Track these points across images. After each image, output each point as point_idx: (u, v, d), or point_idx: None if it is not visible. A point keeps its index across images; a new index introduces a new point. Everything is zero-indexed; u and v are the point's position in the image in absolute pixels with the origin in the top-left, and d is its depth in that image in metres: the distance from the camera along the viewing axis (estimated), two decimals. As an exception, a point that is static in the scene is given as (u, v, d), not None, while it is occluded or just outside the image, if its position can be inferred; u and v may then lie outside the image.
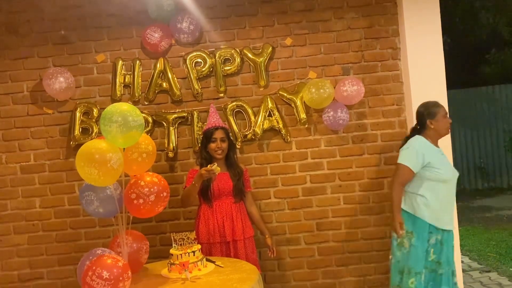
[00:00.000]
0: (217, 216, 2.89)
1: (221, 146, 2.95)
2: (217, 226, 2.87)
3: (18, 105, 3.41)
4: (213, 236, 2.86)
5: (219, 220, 2.88)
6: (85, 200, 2.40)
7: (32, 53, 3.40)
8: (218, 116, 3.07)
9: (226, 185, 2.92)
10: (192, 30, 3.30)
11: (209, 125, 3.00)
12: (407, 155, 2.86)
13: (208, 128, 2.98)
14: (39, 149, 3.41)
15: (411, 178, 2.86)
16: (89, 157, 2.17)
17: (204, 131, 3.02)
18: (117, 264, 2.09)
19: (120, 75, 3.38)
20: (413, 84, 3.31)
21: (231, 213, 2.92)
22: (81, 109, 3.35)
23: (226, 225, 2.88)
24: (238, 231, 2.90)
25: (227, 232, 2.87)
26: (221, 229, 2.88)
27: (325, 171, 3.44)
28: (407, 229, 2.83)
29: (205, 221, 2.89)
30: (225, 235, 2.87)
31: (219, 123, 3.01)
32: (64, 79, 3.26)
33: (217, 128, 2.96)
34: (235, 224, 2.91)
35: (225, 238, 2.87)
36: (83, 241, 3.41)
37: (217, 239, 2.87)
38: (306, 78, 3.40)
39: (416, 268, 2.80)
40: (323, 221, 3.44)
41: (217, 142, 2.94)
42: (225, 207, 2.92)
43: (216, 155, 2.96)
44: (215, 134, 2.95)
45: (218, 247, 2.87)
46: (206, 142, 2.97)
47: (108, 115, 2.22)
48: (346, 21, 3.40)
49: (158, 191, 2.37)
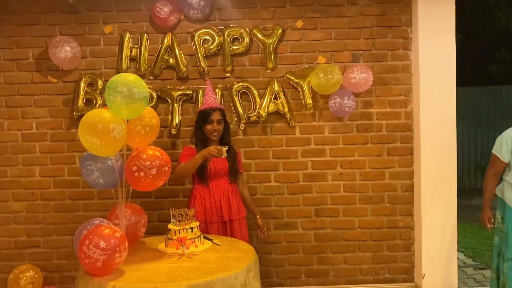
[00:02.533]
0: (214, 195, 2.88)
1: (218, 128, 2.92)
2: (214, 205, 2.87)
3: (22, 72, 3.37)
4: (210, 215, 2.86)
5: (216, 200, 2.88)
6: (85, 170, 2.39)
7: (39, 20, 3.35)
8: (214, 95, 3.03)
9: (222, 165, 2.90)
10: (202, 6, 3.25)
11: (205, 105, 2.92)
12: (496, 143, 2.92)
13: (205, 109, 2.91)
14: (42, 118, 3.39)
15: (503, 167, 2.89)
16: (92, 126, 2.15)
17: (200, 110, 2.94)
18: (114, 234, 2.08)
19: (127, 48, 3.34)
20: (423, 76, 3.27)
21: (227, 193, 2.91)
22: (86, 80, 3.32)
23: (223, 204, 2.88)
24: (234, 210, 2.91)
25: (224, 211, 2.87)
26: (218, 209, 2.87)
27: (327, 158, 3.42)
28: (502, 215, 2.91)
29: (202, 201, 2.88)
30: (222, 214, 2.87)
31: (216, 104, 2.95)
32: (70, 49, 3.22)
33: (214, 110, 2.91)
34: (231, 204, 2.91)
35: (222, 217, 2.87)
36: (81, 212, 3.41)
37: (215, 219, 2.87)
38: (314, 62, 3.35)
39: (508, 254, 2.83)
40: (321, 207, 3.44)
41: (213, 124, 2.90)
42: (222, 187, 2.91)
43: (211, 137, 2.92)
44: (212, 115, 2.89)
45: (215, 226, 2.87)
46: (202, 123, 2.91)
47: (113, 85, 2.20)
48: (359, 7, 3.35)
49: (160, 165, 2.35)
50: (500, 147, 2.91)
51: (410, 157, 3.41)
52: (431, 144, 3.29)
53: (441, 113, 3.29)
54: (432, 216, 3.32)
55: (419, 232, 3.37)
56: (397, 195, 3.43)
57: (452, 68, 3.27)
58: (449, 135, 3.31)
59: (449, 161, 3.31)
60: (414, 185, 3.42)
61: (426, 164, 3.30)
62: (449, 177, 3.31)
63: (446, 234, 3.34)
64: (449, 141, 3.31)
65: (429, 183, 3.31)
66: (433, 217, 3.32)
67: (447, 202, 3.32)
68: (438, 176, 3.31)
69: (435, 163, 3.30)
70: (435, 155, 3.30)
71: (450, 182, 3.31)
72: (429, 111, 3.28)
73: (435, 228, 3.32)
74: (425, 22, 3.26)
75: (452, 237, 3.34)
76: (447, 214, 3.33)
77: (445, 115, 3.30)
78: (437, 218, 3.32)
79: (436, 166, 3.30)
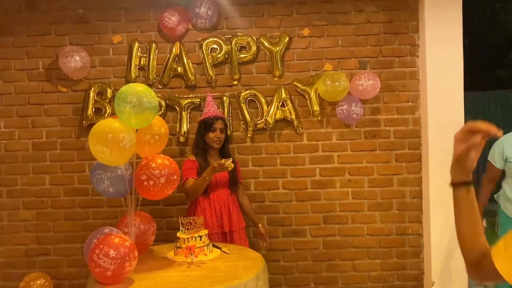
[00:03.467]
0: (215, 206, 2.89)
1: (220, 137, 2.95)
2: (215, 216, 2.87)
3: (33, 82, 3.42)
4: (211, 226, 2.85)
5: (217, 211, 2.89)
6: (95, 179, 2.41)
7: (49, 31, 3.40)
8: (215, 106, 3.08)
9: (222, 176, 2.91)
10: (210, 15, 3.28)
11: (208, 114, 2.96)
12: (491, 150, 3.02)
13: (208, 117, 2.95)
14: (52, 127, 3.43)
15: (497, 173, 2.98)
16: (102, 136, 2.17)
17: (203, 119, 2.97)
18: (124, 243, 2.10)
19: (136, 57, 3.37)
20: (430, 82, 3.27)
21: (228, 203, 2.93)
22: (95, 89, 3.36)
23: (224, 215, 2.89)
24: (235, 221, 2.92)
25: (225, 222, 2.88)
26: (219, 220, 2.88)
27: (335, 165, 3.42)
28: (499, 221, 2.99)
29: (202, 212, 2.87)
30: (223, 225, 2.88)
31: (218, 113, 3.01)
32: (79, 58, 3.26)
33: (217, 118, 2.95)
34: (232, 215, 2.92)
35: (223, 228, 2.88)
36: (90, 220, 3.44)
37: (215, 230, 2.87)
38: (321, 70, 3.37)
39: None
40: (330, 214, 3.43)
41: (216, 132, 2.93)
42: (223, 198, 2.92)
43: (214, 145, 2.95)
44: (215, 123, 2.93)
45: (216, 237, 2.86)
46: (205, 131, 2.94)
47: (123, 95, 2.22)
48: (365, 15, 3.36)
49: (169, 173, 2.37)
50: (493, 153, 3.05)
51: (418, 164, 3.40)
52: (439, 150, 3.27)
53: (449, 119, 3.28)
54: (441, 222, 3.31)
55: (428, 239, 3.35)
56: (405, 202, 3.42)
57: (460, 73, 3.27)
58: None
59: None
60: (422, 191, 3.41)
61: (435, 171, 3.29)
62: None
63: (455, 240, 3.29)
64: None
65: (438, 190, 3.29)
66: (442, 224, 3.31)
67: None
68: (446, 182, 3.23)
69: (443, 169, 3.23)
70: (444, 161, 3.24)
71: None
72: (437, 117, 3.27)
73: (444, 234, 3.31)
74: (432, 28, 3.26)
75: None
76: (456, 220, 3.30)
77: (453, 121, 3.28)
78: (446, 225, 3.30)
79: (444, 172, 3.22)
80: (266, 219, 3.43)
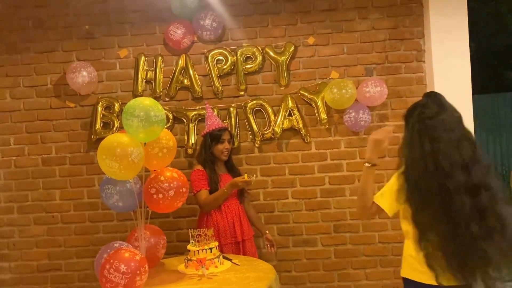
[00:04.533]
0: (227, 216, 2.88)
1: (229, 148, 2.98)
2: (227, 227, 2.87)
3: (41, 98, 3.45)
4: (224, 237, 2.85)
5: (229, 221, 2.88)
6: (105, 193, 2.42)
7: (57, 47, 3.44)
8: (217, 117, 3.11)
9: None
10: (214, 27, 3.30)
11: (215, 126, 2.97)
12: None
13: (215, 129, 2.95)
14: (61, 142, 3.45)
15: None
16: (111, 151, 2.18)
17: (211, 131, 2.96)
18: (134, 258, 2.09)
19: (142, 70, 3.40)
20: (437, 87, 3.24)
21: (238, 213, 2.93)
22: (103, 104, 3.38)
23: (236, 225, 2.88)
24: (246, 230, 2.93)
25: (237, 231, 2.87)
26: (231, 229, 2.87)
27: (344, 173, 3.40)
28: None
29: (214, 223, 2.86)
30: (236, 235, 2.87)
31: (224, 124, 3.04)
32: (87, 73, 3.29)
33: (224, 129, 2.98)
34: (243, 224, 2.92)
35: (235, 238, 2.87)
36: (101, 234, 3.44)
37: (229, 240, 2.86)
38: (328, 78, 3.36)
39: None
40: (340, 223, 3.40)
41: (225, 143, 2.95)
42: (234, 208, 2.92)
43: (222, 157, 2.96)
44: (223, 135, 2.95)
45: (230, 247, 2.86)
46: (213, 143, 2.95)
47: (131, 110, 2.24)
48: (370, 22, 3.36)
49: (178, 186, 2.37)
50: None
51: (428, 169, 3.36)
52: (449, 156, 3.24)
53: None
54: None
55: (441, 246, 3.30)
56: (417, 208, 3.37)
57: (467, 77, 3.24)
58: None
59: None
60: (434, 197, 3.37)
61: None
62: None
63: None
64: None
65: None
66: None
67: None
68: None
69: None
70: (454, 167, 3.24)
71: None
72: (446, 122, 3.24)
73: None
74: (437, 33, 3.25)
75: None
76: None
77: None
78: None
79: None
80: (276, 229, 3.41)
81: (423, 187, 1.81)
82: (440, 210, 1.77)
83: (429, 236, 1.81)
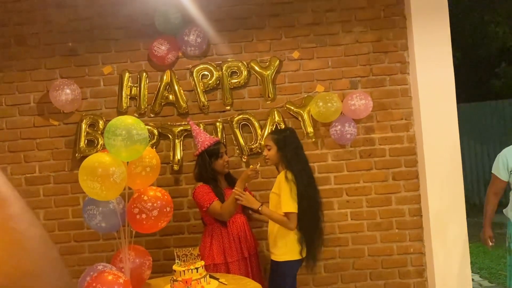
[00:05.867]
0: (232, 232, 2.83)
1: (228, 159, 2.97)
2: (233, 243, 2.81)
3: (24, 116, 3.41)
4: (230, 254, 2.79)
5: (235, 236, 2.83)
6: (87, 214, 2.37)
7: (40, 65, 3.40)
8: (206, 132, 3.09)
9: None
10: (199, 43, 3.29)
11: (208, 142, 2.90)
12: (494, 162, 3.06)
13: (211, 144, 2.89)
14: (44, 161, 3.39)
15: (503, 186, 3.01)
16: (92, 171, 2.14)
17: (208, 148, 2.88)
18: (118, 280, 2.05)
19: (127, 87, 3.37)
20: (422, 99, 3.26)
21: (244, 227, 2.89)
22: (87, 121, 3.34)
23: (242, 239, 2.84)
24: (251, 245, 2.89)
25: (243, 247, 2.83)
26: (237, 245, 2.82)
27: (332, 186, 3.38)
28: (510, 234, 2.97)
29: (220, 240, 2.80)
30: (242, 250, 2.82)
31: (216, 138, 3.02)
32: (70, 91, 3.26)
33: (219, 143, 2.95)
34: (248, 239, 2.88)
35: (242, 254, 2.82)
36: (86, 254, 3.37)
37: (235, 257, 2.80)
38: (313, 91, 3.36)
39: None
40: (330, 237, 3.37)
41: (224, 157, 2.92)
42: (239, 222, 2.88)
43: (225, 170, 2.93)
44: (221, 148, 2.92)
45: (236, 265, 2.80)
46: (212, 159, 2.87)
47: (112, 128, 2.20)
48: (354, 35, 3.37)
49: (161, 206, 2.34)
50: (497, 166, 3.05)
51: (416, 181, 3.37)
52: (436, 166, 3.25)
53: (444, 134, 3.26)
54: (443, 239, 3.25)
55: (430, 257, 3.29)
56: (405, 220, 3.37)
57: (452, 88, 3.26)
58: (454, 155, 3.27)
59: (456, 181, 3.26)
60: (422, 209, 3.37)
61: (433, 187, 3.25)
62: (457, 198, 3.26)
63: (458, 256, 3.26)
64: (454, 161, 3.27)
65: (437, 206, 3.25)
66: (443, 241, 3.25)
67: (457, 223, 3.25)
68: (446, 198, 3.26)
69: (442, 185, 3.25)
70: (441, 177, 3.25)
71: (458, 203, 3.26)
72: (431, 133, 3.25)
73: (447, 251, 3.25)
74: (420, 45, 3.27)
75: (465, 259, 3.26)
76: (458, 236, 3.26)
77: (448, 136, 3.27)
78: (448, 241, 3.25)
79: (443, 188, 3.25)
80: (265, 244, 3.37)
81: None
82: None
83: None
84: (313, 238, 2.76)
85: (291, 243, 2.70)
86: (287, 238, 2.70)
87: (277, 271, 2.74)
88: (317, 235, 2.79)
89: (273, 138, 2.79)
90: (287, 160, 2.72)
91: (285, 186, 2.64)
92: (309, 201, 2.70)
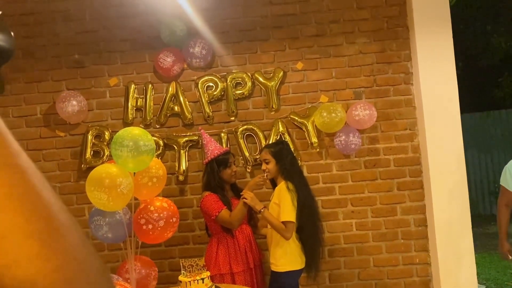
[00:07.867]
0: (239, 243, 2.83)
1: (236, 170, 2.98)
2: (239, 253, 2.81)
3: (31, 128, 3.44)
4: (236, 264, 2.78)
5: (241, 247, 2.83)
6: (94, 225, 2.38)
7: (46, 77, 3.44)
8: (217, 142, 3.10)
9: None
10: (204, 54, 3.33)
11: (217, 151, 2.91)
12: (502, 174, 3.06)
13: (220, 154, 2.90)
14: (51, 172, 3.41)
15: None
16: (99, 182, 2.16)
17: (216, 157, 2.89)
18: (124, 291, 2.05)
19: (132, 98, 3.40)
20: (426, 109, 3.27)
21: (249, 238, 2.89)
22: (93, 132, 3.37)
23: (247, 250, 2.84)
24: (256, 256, 2.90)
25: (249, 258, 2.83)
26: (243, 256, 2.81)
27: (337, 196, 3.38)
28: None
29: (226, 250, 2.80)
30: (248, 261, 2.82)
31: (226, 148, 3.03)
32: (76, 102, 3.29)
33: (228, 153, 2.96)
34: (253, 249, 2.89)
35: (248, 264, 2.81)
36: (91, 265, 3.37)
37: (241, 267, 2.79)
38: (317, 102, 3.38)
39: None
40: (334, 247, 3.37)
41: (232, 166, 2.94)
42: (245, 233, 2.88)
43: (232, 179, 2.95)
44: (230, 158, 2.93)
45: (242, 275, 2.79)
46: (221, 169, 2.88)
47: (119, 140, 2.23)
48: (357, 46, 3.40)
49: (168, 216, 2.35)
50: (505, 178, 3.04)
51: (421, 191, 3.37)
52: (441, 176, 3.25)
53: (448, 144, 3.27)
54: (449, 249, 3.24)
55: (436, 268, 3.28)
56: (410, 231, 3.36)
57: (455, 97, 3.28)
58: (459, 164, 3.27)
59: (461, 191, 3.26)
60: (427, 219, 3.36)
61: (438, 197, 3.25)
62: (463, 208, 3.25)
63: (464, 267, 3.25)
64: (459, 171, 3.27)
65: (443, 216, 3.25)
66: (449, 251, 3.24)
67: (463, 233, 3.24)
68: (451, 207, 3.25)
69: (446, 195, 3.25)
70: (446, 187, 3.25)
71: (463, 212, 3.25)
72: (436, 143, 3.26)
73: (453, 262, 3.24)
74: (424, 56, 3.30)
75: (471, 269, 3.25)
76: (464, 246, 3.24)
77: (452, 146, 3.27)
78: (454, 252, 3.24)
79: (448, 197, 3.25)
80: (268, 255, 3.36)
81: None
82: None
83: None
84: (314, 247, 2.79)
85: (290, 252, 2.71)
86: (286, 248, 2.71)
87: (278, 282, 2.74)
88: (317, 244, 2.82)
89: (270, 151, 2.82)
90: (287, 171, 2.76)
91: (287, 196, 2.67)
92: (309, 210, 2.75)
